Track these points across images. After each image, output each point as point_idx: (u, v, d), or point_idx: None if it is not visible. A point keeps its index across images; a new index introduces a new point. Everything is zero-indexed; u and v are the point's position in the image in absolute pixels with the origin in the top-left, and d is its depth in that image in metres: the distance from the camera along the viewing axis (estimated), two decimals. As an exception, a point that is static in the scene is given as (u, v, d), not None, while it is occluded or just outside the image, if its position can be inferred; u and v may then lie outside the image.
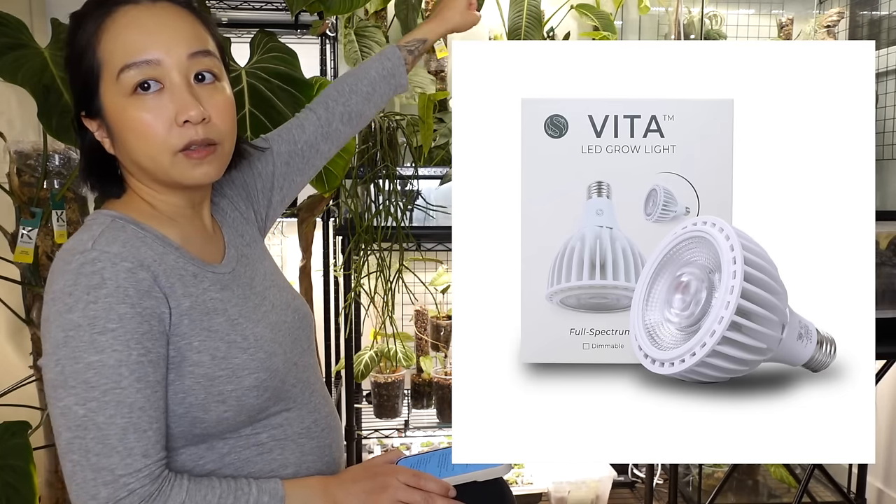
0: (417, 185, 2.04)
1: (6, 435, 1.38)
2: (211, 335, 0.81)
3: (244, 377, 0.82)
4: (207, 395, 0.80)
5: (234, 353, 0.82)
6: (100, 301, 0.73)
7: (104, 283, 0.74)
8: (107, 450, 0.73)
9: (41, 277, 1.64)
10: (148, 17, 0.78)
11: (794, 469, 2.16)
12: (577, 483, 2.27)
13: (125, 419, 0.74)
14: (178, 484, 0.77)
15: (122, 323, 0.74)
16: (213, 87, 0.81)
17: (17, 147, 1.67)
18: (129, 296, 0.75)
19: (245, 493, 0.79)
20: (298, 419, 0.90)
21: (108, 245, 0.76)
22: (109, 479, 0.73)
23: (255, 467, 0.85)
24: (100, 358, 0.73)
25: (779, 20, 2.45)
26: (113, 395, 0.73)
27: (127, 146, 0.80)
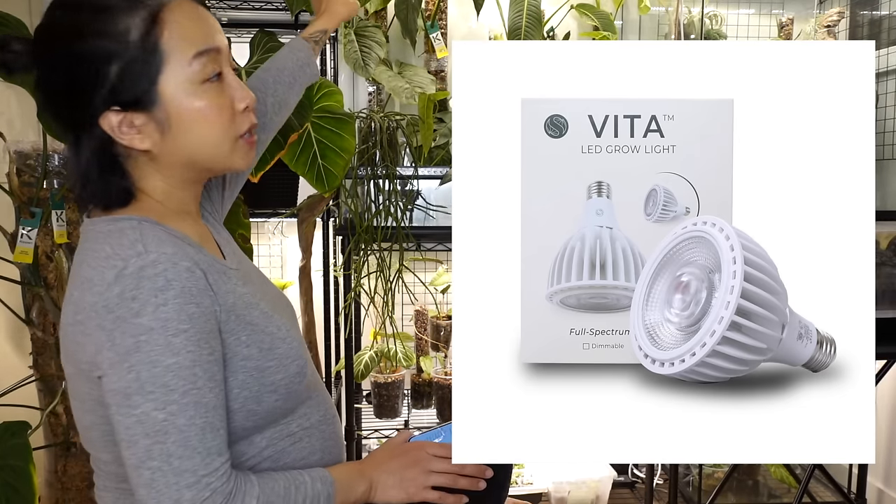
0: (417, 185, 2.04)
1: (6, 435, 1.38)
2: (254, 329, 0.82)
3: (289, 365, 0.85)
4: (260, 387, 0.82)
5: (277, 343, 0.84)
6: (169, 303, 0.73)
7: (169, 284, 0.74)
8: (188, 452, 0.73)
9: (41, 277, 1.64)
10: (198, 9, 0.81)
11: (794, 469, 2.16)
12: (577, 483, 2.27)
13: (203, 419, 0.74)
14: (247, 479, 0.78)
15: (192, 323, 0.74)
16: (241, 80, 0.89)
17: (17, 147, 1.67)
18: (194, 295, 0.75)
19: (302, 483, 0.82)
20: (317, 407, 0.93)
21: (161, 247, 0.76)
22: (192, 480, 0.73)
23: (289, 457, 0.88)
24: (176, 360, 0.73)
25: (779, 20, 2.45)
26: (191, 396, 0.73)
27: (188, 135, 0.80)
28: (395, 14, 2.18)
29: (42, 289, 1.63)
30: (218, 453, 0.75)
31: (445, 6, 2.32)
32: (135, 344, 0.73)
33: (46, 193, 1.63)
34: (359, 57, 2.10)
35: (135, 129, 0.79)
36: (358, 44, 2.11)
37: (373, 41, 2.13)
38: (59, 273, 1.67)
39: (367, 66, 2.10)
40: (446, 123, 2.17)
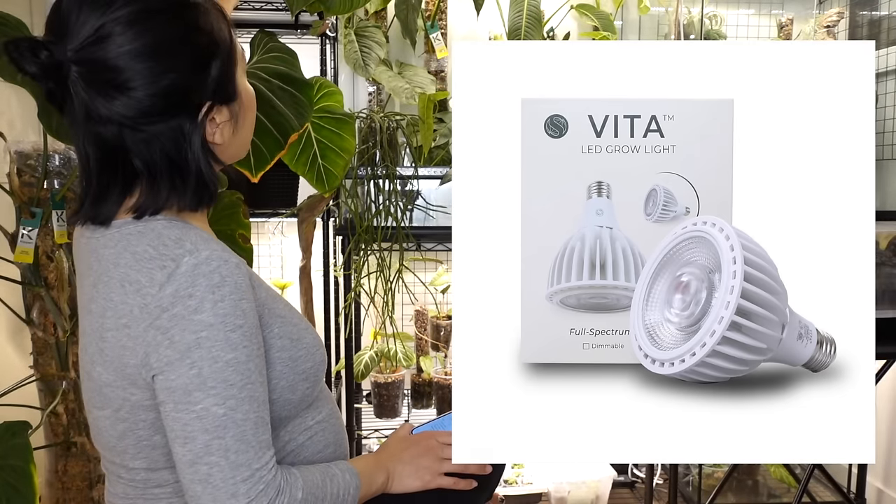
0: (417, 185, 2.04)
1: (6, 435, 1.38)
2: (284, 321, 0.85)
3: (315, 353, 0.88)
4: (294, 376, 0.85)
5: (302, 333, 0.87)
6: (226, 299, 0.74)
7: (224, 281, 0.75)
8: (244, 446, 0.74)
9: (41, 277, 1.64)
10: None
11: (794, 469, 2.16)
12: (577, 483, 2.27)
13: (256, 413, 0.76)
14: (290, 472, 0.80)
15: (245, 318, 0.76)
16: None
17: (18, 147, 1.67)
18: (244, 291, 0.76)
19: (334, 475, 0.85)
20: (325, 401, 0.94)
21: (208, 244, 0.77)
22: (247, 474, 0.74)
23: (307, 451, 0.89)
24: (235, 355, 0.74)
25: (779, 20, 2.45)
26: (247, 390, 0.75)
27: (247, 123, 0.86)
28: (395, 14, 2.18)
29: (43, 289, 1.63)
30: (268, 447, 0.77)
31: (445, 6, 2.32)
32: (195, 340, 0.73)
33: (47, 193, 1.63)
34: (359, 57, 2.10)
35: (216, 124, 0.81)
36: (358, 44, 2.11)
37: (373, 41, 2.13)
38: (59, 273, 1.67)
39: (367, 66, 2.10)
40: (446, 123, 2.17)
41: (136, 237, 0.78)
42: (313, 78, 1.63)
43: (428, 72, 2.26)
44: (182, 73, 0.77)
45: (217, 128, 0.81)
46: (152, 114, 0.76)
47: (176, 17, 0.77)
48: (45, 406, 1.70)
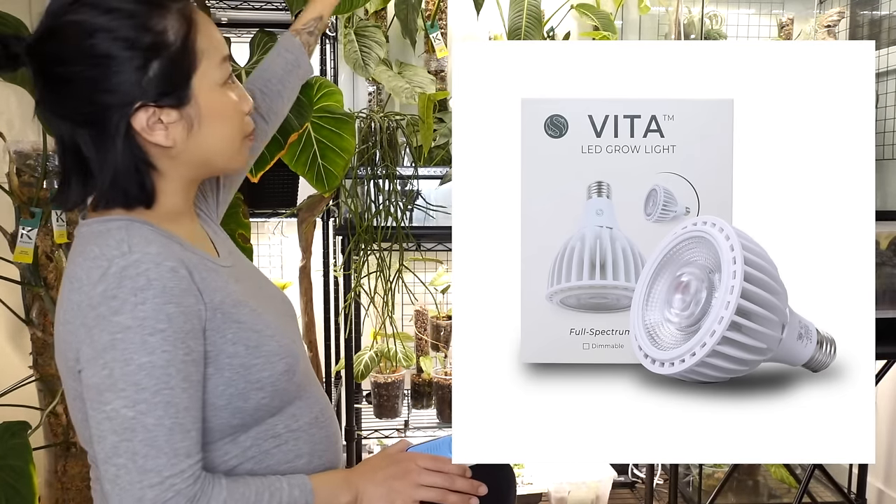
0: (417, 185, 2.04)
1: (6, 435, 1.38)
2: (241, 326, 0.83)
3: (276, 363, 0.85)
4: (246, 384, 0.82)
5: (264, 340, 0.84)
6: (148, 302, 0.74)
7: (150, 284, 0.75)
8: (154, 451, 0.73)
9: (41, 277, 1.64)
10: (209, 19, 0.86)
11: (795, 469, 2.16)
12: (577, 483, 2.26)
13: (172, 420, 0.74)
14: (217, 483, 0.78)
15: (170, 323, 0.75)
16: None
17: (17, 147, 1.67)
18: (175, 295, 0.76)
19: (278, 489, 0.82)
20: (308, 409, 0.92)
21: (146, 247, 0.77)
22: (156, 480, 0.73)
23: (273, 459, 0.87)
24: (150, 359, 0.73)
25: (779, 20, 2.45)
26: (162, 395, 0.74)
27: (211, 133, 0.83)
28: (395, 14, 2.18)
29: (42, 289, 1.63)
30: (186, 455, 0.75)
31: (445, 6, 2.32)
32: (111, 341, 0.73)
33: (46, 193, 1.63)
34: (359, 57, 2.10)
35: (163, 125, 0.80)
36: (358, 44, 2.11)
37: (373, 41, 2.13)
38: (58, 273, 1.67)
39: (367, 66, 2.10)
40: (446, 123, 2.17)
41: (92, 236, 0.80)
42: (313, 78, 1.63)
43: (428, 72, 2.26)
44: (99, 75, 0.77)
45: (164, 130, 0.80)
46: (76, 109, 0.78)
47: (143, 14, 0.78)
48: (44, 406, 1.70)
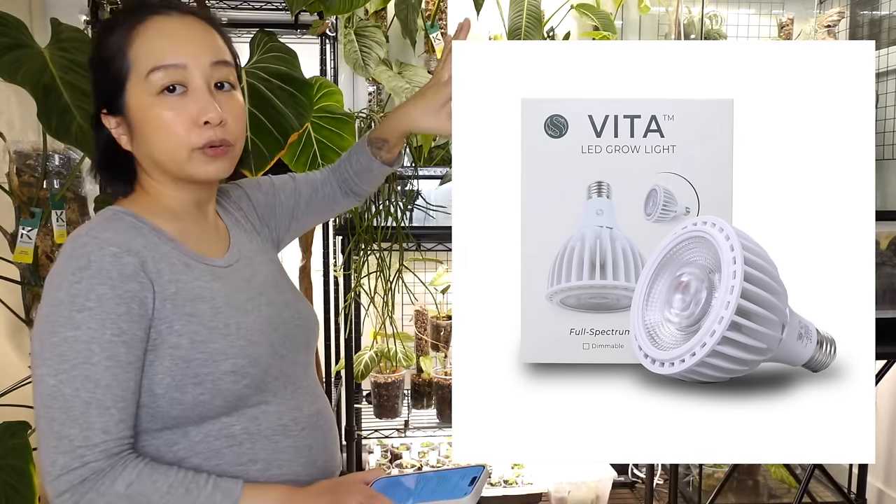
0: (417, 185, 2.04)
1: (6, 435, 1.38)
2: (192, 320, 0.84)
3: (221, 361, 0.84)
4: (184, 377, 0.83)
5: (214, 338, 0.85)
6: (83, 281, 0.79)
7: (90, 264, 0.79)
8: (69, 420, 0.77)
9: (41, 277, 1.64)
10: (177, 27, 0.86)
11: (795, 469, 2.16)
12: (577, 483, 2.27)
13: (89, 394, 0.78)
14: (132, 466, 0.79)
15: (100, 303, 0.79)
16: (230, 95, 0.89)
17: (17, 147, 1.67)
18: (112, 278, 0.80)
19: (198, 487, 0.81)
20: (276, 415, 0.90)
21: (100, 232, 0.83)
22: (67, 448, 0.77)
23: (223, 459, 0.86)
24: (75, 334, 0.78)
25: (779, 20, 2.45)
26: (81, 369, 0.78)
27: (147, 142, 0.86)
28: (395, 14, 2.18)
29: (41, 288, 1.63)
30: (102, 430, 0.78)
31: (445, 6, 2.32)
32: (47, 313, 0.79)
33: (46, 193, 1.63)
34: (359, 57, 2.10)
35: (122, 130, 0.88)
36: (358, 44, 2.11)
37: (373, 41, 2.13)
38: (59, 273, 1.67)
39: (367, 66, 2.10)
40: (446, 123, 2.16)
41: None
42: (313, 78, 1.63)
43: (428, 72, 2.26)
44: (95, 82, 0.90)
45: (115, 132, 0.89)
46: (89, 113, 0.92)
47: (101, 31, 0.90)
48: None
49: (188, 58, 0.85)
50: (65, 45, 1.35)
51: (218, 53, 0.88)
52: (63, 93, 1.29)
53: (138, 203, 0.90)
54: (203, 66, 0.86)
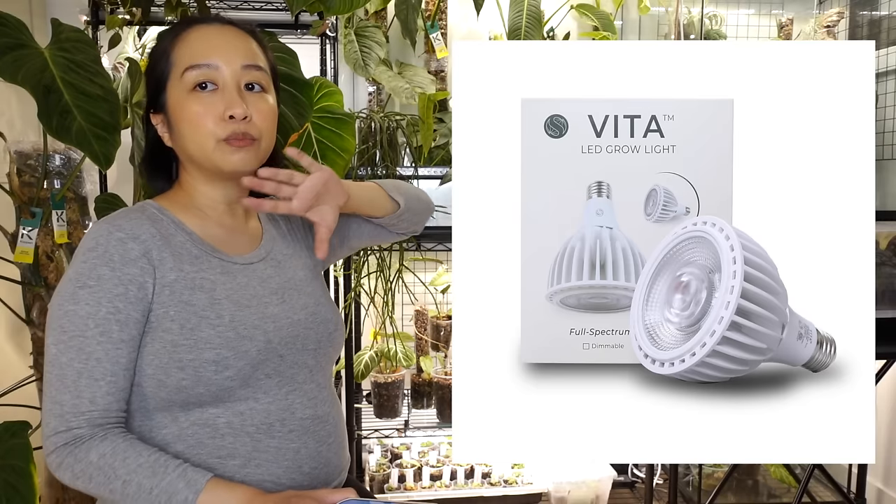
0: (417, 185, 2.04)
1: (6, 435, 1.38)
2: (187, 308, 0.88)
3: (205, 350, 0.87)
4: (169, 361, 0.87)
5: (203, 326, 0.88)
6: (88, 261, 0.87)
7: (97, 247, 0.87)
8: (63, 387, 0.84)
9: (41, 277, 1.64)
10: (215, 34, 0.96)
11: (794, 469, 2.16)
12: (577, 483, 2.27)
13: (82, 365, 0.84)
14: (111, 438, 0.84)
15: (99, 282, 0.86)
16: (259, 96, 0.95)
17: (18, 147, 1.67)
18: (113, 261, 0.87)
19: (165, 472, 0.83)
20: (263, 413, 0.91)
21: (116, 219, 0.90)
22: (58, 412, 0.84)
23: (203, 449, 0.89)
24: (74, 308, 0.85)
25: (779, 20, 2.45)
26: (76, 341, 0.84)
27: (181, 135, 0.93)
28: (395, 14, 2.18)
29: (42, 289, 1.63)
30: (90, 400, 0.84)
31: (445, 6, 2.32)
32: (57, 289, 0.87)
33: (47, 193, 1.63)
34: (359, 57, 2.10)
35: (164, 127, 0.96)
36: (358, 44, 2.11)
37: (373, 41, 2.13)
38: (59, 273, 1.67)
39: (367, 66, 2.10)
40: (446, 123, 2.17)
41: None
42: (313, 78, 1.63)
43: (428, 72, 2.26)
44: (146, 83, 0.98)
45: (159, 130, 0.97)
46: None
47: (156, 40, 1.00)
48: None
49: (221, 59, 0.93)
50: (65, 45, 1.35)
51: (250, 58, 0.96)
52: (63, 93, 1.29)
53: (171, 198, 0.98)
54: (234, 68, 0.93)
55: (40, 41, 1.35)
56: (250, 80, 0.95)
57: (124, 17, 1.79)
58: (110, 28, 1.78)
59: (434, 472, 2.25)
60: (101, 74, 1.35)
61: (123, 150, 1.38)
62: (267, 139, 0.96)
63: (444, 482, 2.25)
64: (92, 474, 0.84)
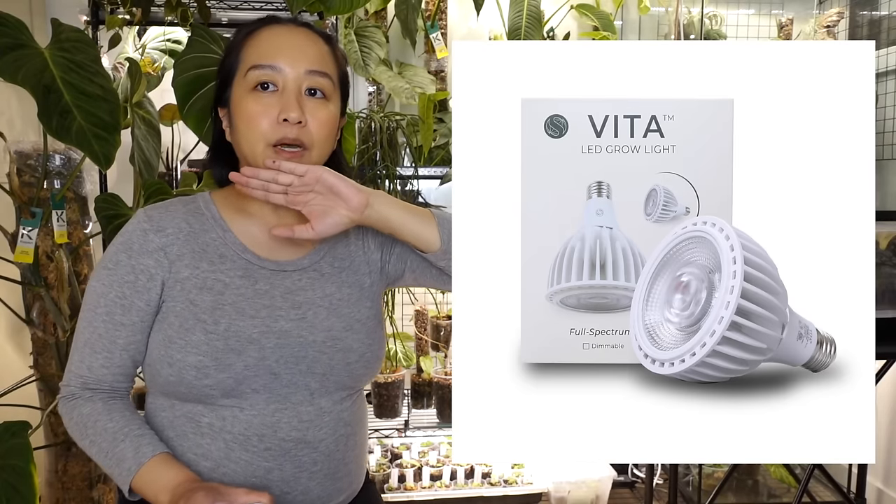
0: (417, 185, 2.04)
1: (6, 435, 1.38)
2: (191, 307, 0.90)
3: (191, 353, 0.88)
4: (164, 354, 0.90)
5: (197, 330, 0.89)
6: (114, 245, 0.93)
7: (123, 234, 0.93)
8: (76, 348, 0.92)
9: (41, 277, 1.64)
10: (286, 35, 0.94)
11: (794, 469, 2.16)
12: (577, 483, 2.27)
13: (88, 335, 0.91)
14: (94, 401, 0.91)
15: (116, 266, 0.91)
16: (320, 102, 0.93)
17: (18, 147, 1.67)
18: (132, 249, 0.91)
19: (122, 438, 0.88)
20: (244, 423, 0.89)
21: (153, 210, 0.94)
22: (69, 368, 0.93)
23: (186, 442, 0.91)
24: (95, 285, 0.92)
25: (779, 20, 2.45)
26: (89, 313, 0.92)
27: (238, 132, 0.93)
28: (395, 14, 2.18)
29: (42, 289, 1.64)
30: (87, 367, 0.91)
31: (445, 6, 2.32)
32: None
33: (47, 193, 1.63)
34: (359, 57, 2.10)
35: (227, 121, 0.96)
36: (358, 44, 2.11)
37: (373, 41, 2.13)
38: (59, 273, 1.67)
39: (367, 67, 2.10)
40: (446, 123, 2.17)
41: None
42: (313, 78, 1.62)
43: (428, 72, 2.26)
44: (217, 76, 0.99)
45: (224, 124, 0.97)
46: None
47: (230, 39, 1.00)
48: (44, 406, 1.70)
49: (285, 61, 0.91)
50: (65, 45, 1.35)
51: (316, 63, 0.93)
52: (63, 93, 1.29)
53: (226, 193, 0.98)
54: (298, 72, 0.91)
55: (40, 41, 1.35)
56: (313, 86, 0.92)
57: (124, 17, 1.79)
58: (110, 28, 1.78)
59: (434, 472, 2.25)
60: (101, 74, 1.35)
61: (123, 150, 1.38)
62: (320, 148, 0.92)
63: (444, 482, 2.25)
64: (72, 429, 0.92)
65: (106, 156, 1.29)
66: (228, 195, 0.98)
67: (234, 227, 0.95)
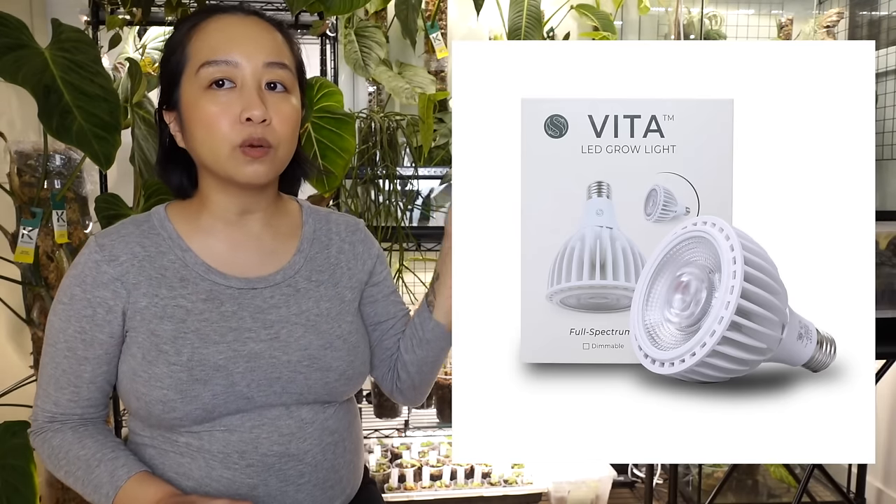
0: (417, 185, 2.04)
1: (6, 435, 1.38)
2: (152, 338, 0.85)
3: (155, 388, 0.84)
4: (130, 387, 0.87)
5: (160, 362, 0.84)
6: (68, 278, 0.88)
7: (76, 265, 0.88)
8: (41, 383, 0.91)
9: (41, 277, 1.65)
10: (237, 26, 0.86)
11: (794, 469, 2.16)
12: (577, 483, 2.27)
13: (53, 370, 0.89)
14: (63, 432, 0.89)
15: (70, 302, 0.87)
16: (281, 97, 0.86)
17: (18, 147, 1.67)
18: (85, 282, 0.86)
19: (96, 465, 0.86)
20: (223, 441, 0.86)
21: (104, 237, 0.88)
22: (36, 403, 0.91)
23: (167, 460, 0.88)
24: (53, 319, 0.89)
25: (779, 20, 2.45)
26: (50, 349, 0.89)
27: (194, 137, 0.85)
28: (395, 14, 2.18)
29: (43, 289, 1.64)
30: (54, 403, 0.89)
31: (445, 6, 2.32)
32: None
33: (47, 193, 1.63)
34: (359, 57, 2.10)
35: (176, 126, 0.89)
36: (358, 44, 2.12)
37: (373, 41, 2.13)
38: (59, 273, 1.67)
39: (368, 67, 2.10)
40: (446, 123, 2.17)
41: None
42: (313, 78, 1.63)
43: (428, 72, 2.26)
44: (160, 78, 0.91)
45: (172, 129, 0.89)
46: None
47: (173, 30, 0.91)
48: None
49: (240, 55, 0.83)
50: (65, 45, 1.35)
51: (274, 54, 0.85)
52: (64, 93, 1.29)
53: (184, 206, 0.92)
54: (255, 65, 0.84)
55: (40, 41, 1.35)
56: (272, 79, 0.85)
57: (124, 17, 1.79)
58: (110, 28, 1.79)
59: (434, 472, 2.25)
60: (101, 74, 1.35)
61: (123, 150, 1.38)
62: (286, 146, 0.87)
63: (444, 482, 2.25)
64: (47, 462, 0.91)
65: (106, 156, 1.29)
66: (186, 209, 0.91)
67: (195, 245, 0.88)
